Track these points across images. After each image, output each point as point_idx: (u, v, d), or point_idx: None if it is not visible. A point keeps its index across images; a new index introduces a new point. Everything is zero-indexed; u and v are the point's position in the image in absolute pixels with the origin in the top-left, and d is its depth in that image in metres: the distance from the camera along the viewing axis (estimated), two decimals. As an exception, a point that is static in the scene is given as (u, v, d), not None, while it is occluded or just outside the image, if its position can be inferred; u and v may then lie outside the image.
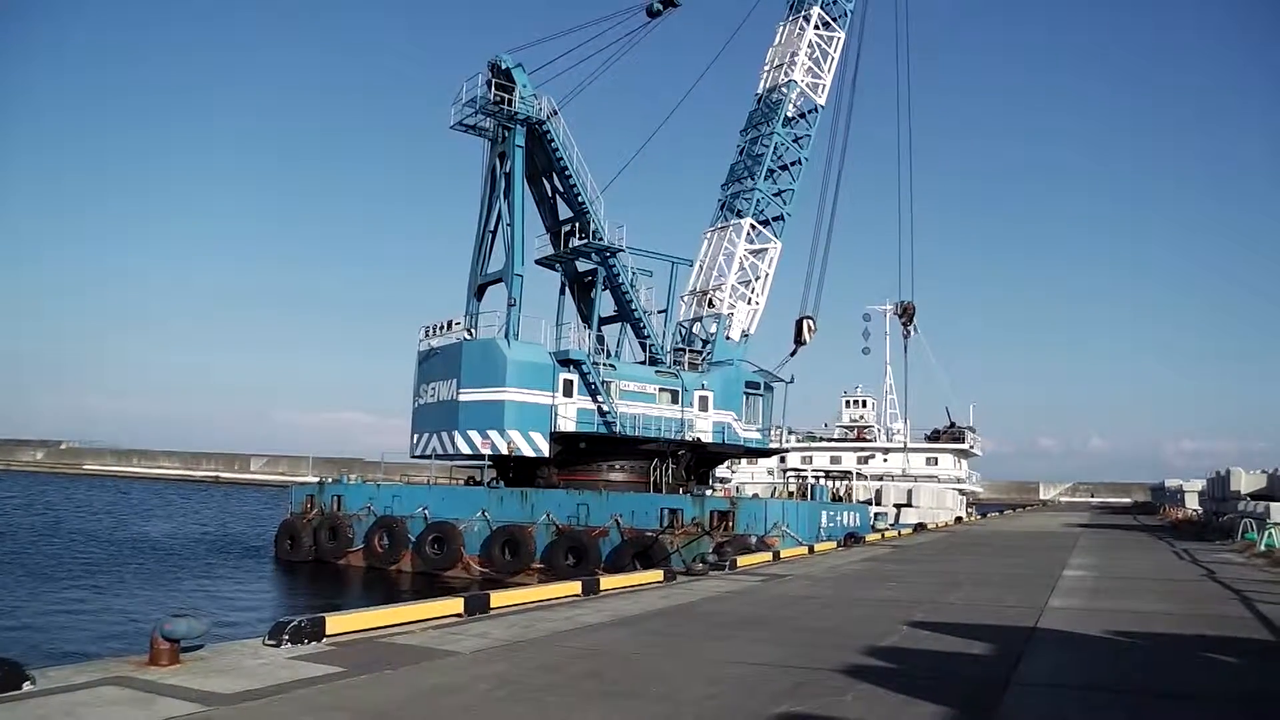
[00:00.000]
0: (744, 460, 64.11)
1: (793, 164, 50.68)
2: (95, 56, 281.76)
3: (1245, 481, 44.45)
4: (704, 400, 46.36)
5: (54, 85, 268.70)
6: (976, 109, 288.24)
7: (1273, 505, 33.73)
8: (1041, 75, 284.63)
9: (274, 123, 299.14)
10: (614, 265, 45.83)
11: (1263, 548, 28.37)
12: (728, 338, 48.51)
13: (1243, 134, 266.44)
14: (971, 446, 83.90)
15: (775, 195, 50.16)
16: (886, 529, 45.69)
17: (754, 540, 33.02)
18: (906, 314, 75.14)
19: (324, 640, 10.82)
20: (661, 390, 45.52)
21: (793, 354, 53.15)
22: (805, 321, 53.01)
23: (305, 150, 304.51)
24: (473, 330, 44.50)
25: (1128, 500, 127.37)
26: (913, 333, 76.00)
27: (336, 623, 11.26)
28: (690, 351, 48.10)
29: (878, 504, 59.94)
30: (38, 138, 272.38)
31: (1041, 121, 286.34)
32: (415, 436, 45.82)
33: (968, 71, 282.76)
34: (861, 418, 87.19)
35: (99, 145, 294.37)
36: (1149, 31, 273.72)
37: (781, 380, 50.88)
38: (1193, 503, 64.51)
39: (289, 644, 10.45)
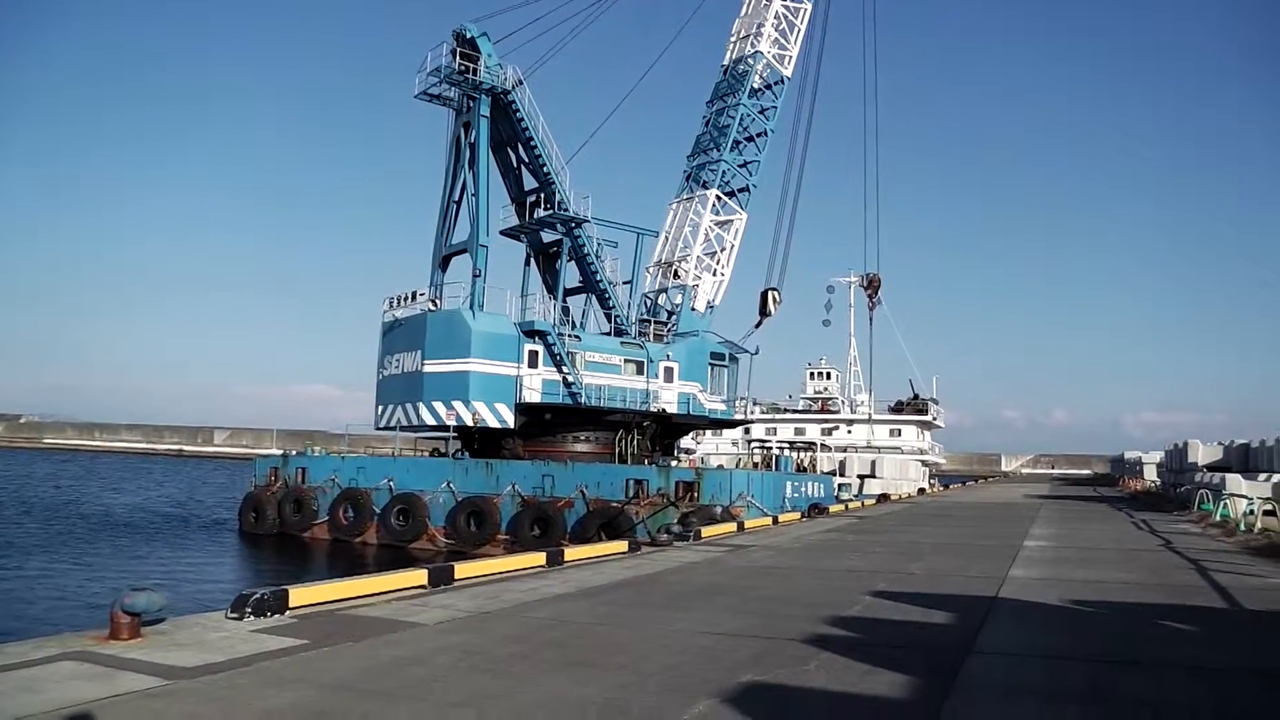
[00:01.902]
0: (709, 431, 64.27)
1: (758, 135, 50.56)
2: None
3: (1202, 453, 44.96)
4: (669, 371, 46.40)
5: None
6: (944, 84, 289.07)
7: (1228, 476, 34.14)
8: (1011, 53, 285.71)
9: (235, 100, 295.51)
10: (579, 236, 45.72)
11: (1218, 518, 28.71)
12: (693, 309, 48.52)
13: (1210, 112, 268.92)
14: (935, 418, 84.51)
15: (741, 167, 50.07)
16: (850, 500, 46.00)
17: (719, 511, 33.18)
18: (872, 286, 75.21)
19: (287, 613, 10.77)
20: (627, 361, 45.51)
21: (758, 325, 53.22)
22: (770, 293, 53.02)
23: (264, 124, 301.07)
24: (437, 301, 44.29)
25: (1088, 472, 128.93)
26: (878, 305, 76.24)
27: (300, 595, 11.20)
28: (655, 323, 48.10)
29: (842, 475, 60.23)
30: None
31: (1009, 98, 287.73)
32: (380, 408, 45.64)
33: (938, 48, 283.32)
34: (826, 389, 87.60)
35: (62, 129, 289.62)
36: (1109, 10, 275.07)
37: (746, 351, 51.03)
38: (1151, 474, 65.20)
39: (252, 617, 10.40)
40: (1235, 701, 7.83)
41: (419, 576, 13.31)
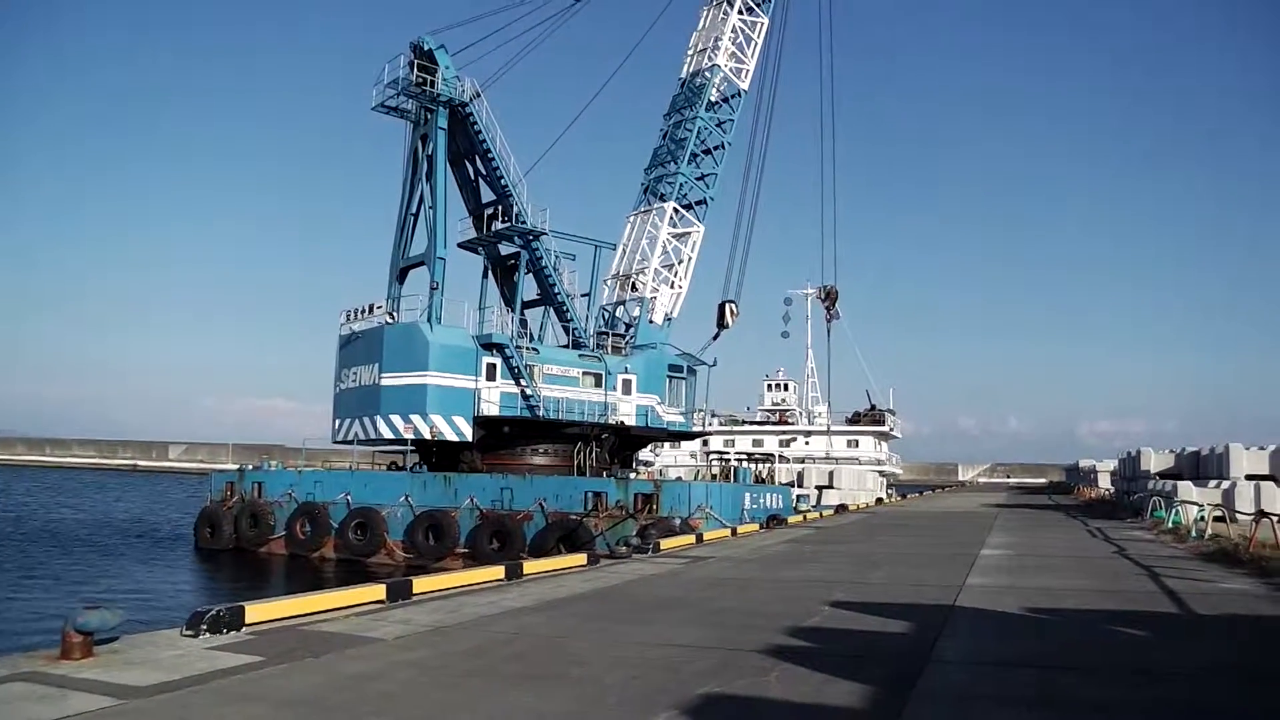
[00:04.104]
0: (667, 443, 64.32)
1: (716, 148, 50.84)
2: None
3: (1155, 461, 45.56)
4: (627, 383, 46.44)
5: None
6: (900, 96, 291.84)
7: (1180, 484, 34.66)
8: (961, 64, 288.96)
9: (197, 104, 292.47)
10: (537, 249, 45.71)
11: (1170, 525, 29.12)
12: (651, 321, 48.60)
13: (1168, 118, 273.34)
14: (891, 429, 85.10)
15: (698, 179, 50.30)
16: (808, 511, 46.09)
17: (678, 523, 33.22)
18: (830, 298, 75.85)
19: (243, 629, 10.65)
20: (585, 374, 45.53)
21: (715, 337, 53.51)
22: (728, 305, 53.28)
23: (222, 130, 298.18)
24: (394, 314, 44.10)
25: (1043, 480, 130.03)
26: (836, 317, 76.76)
27: (256, 611, 11.09)
28: (613, 335, 48.17)
29: (800, 486, 60.50)
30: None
31: (964, 105, 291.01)
32: (337, 422, 45.33)
33: (894, 60, 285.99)
34: (783, 401, 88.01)
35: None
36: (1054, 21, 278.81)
37: (704, 363, 51.19)
38: (1105, 482, 65.97)
39: (207, 634, 10.26)
40: (1185, 704, 7.93)
41: (377, 591, 13.21)
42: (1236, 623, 12.18)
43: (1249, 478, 34.88)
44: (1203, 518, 26.57)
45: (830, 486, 63.56)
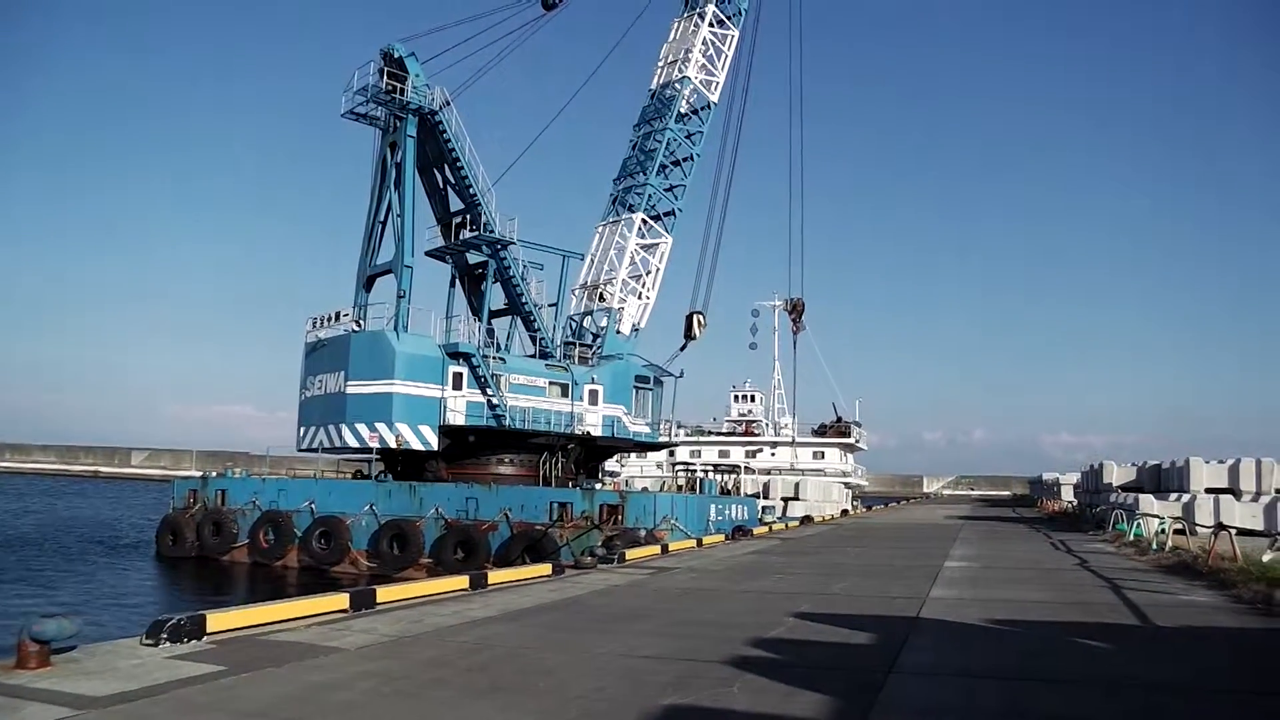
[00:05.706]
0: (633, 454, 64.27)
1: (685, 160, 50.94)
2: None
3: (1117, 474, 45.95)
4: (594, 394, 46.43)
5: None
6: (866, 117, 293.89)
7: (1141, 497, 35.01)
8: (930, 82, 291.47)
9: (157, 108, 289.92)
10: (505, 258, 45.65)
11: (1131, 537, 29.34)
12: (618, 332, 48.61)
13: (1126, 130, 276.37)
14: (857, 441, 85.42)
15: (667, 191, 50.39)
16: (774, 522, 46.15)
17: (643, 533, 33.17)
18: (796, 310, 76.16)
19: (204, 639, 10.55)
20: (551, 384, 45.47)
21: (683, 348, 53.49)
22: (695, 316, 53.35)
23: (188, 133, 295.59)
24: (361, 322, 43.84)
25: (1007, 493, 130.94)
26: (802, 329, 77.08)
27: (218, 620, 10.99)
28: (580, 345, 48.15)
29: (765, 497, 60.46)
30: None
31: (931, 130, 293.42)
32: (302, 429, 45.01)
33: (864, 73, 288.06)
34: (750, 412, 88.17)
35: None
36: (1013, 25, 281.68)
37: (671, 374, 51.21)
38: (1068, 495, 66.41)
39: (167, 643, 10.16)
40: (1146, 714, 8.00)
41: (340, 600, 13.13)
42: (1195, 634, 12.31)
43: (1209, 491, 35.28)
44: (1163, 530, 26.81)
45: (796, 498, 63.59)
